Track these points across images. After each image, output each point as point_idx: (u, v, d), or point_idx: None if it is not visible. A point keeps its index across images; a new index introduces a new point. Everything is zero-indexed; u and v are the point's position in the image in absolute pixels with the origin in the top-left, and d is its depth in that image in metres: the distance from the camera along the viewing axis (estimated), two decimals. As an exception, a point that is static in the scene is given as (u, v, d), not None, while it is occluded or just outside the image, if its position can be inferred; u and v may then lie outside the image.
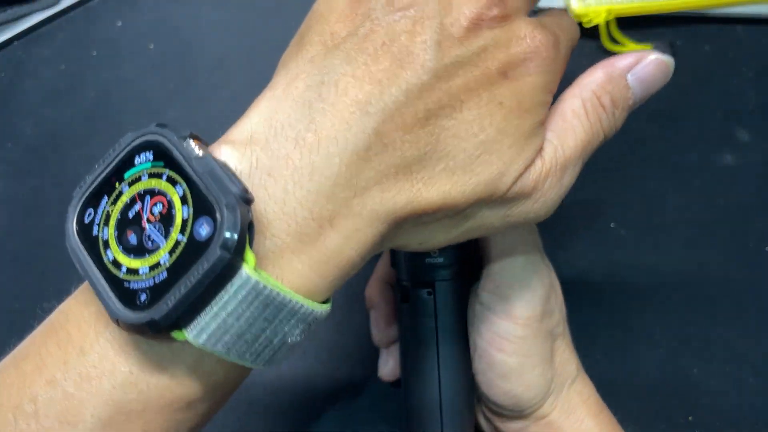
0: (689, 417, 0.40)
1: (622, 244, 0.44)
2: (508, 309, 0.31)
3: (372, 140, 0.21)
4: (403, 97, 0.21)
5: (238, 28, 0.51)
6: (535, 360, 0.32)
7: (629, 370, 0.41)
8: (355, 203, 0.21)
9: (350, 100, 0.21)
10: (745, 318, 0.42)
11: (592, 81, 0.26)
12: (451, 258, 0.32)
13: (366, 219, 0.21)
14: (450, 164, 0.22)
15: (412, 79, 0.21)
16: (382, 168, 0.21)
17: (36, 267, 0.43)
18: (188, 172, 0.20)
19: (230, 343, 0.20)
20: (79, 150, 0.47)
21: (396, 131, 0.21)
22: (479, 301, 0.32)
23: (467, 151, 0.22)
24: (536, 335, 0.31)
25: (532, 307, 0.31)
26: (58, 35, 0.51)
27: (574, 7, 0.49)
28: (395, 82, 0.21)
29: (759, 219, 0.45)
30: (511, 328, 0.31)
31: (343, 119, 0.21)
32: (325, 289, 0.22)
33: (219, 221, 0.19)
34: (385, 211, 0.22)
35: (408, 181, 0.22)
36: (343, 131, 0.21)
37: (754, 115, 0.49)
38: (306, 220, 0.21)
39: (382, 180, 0.21)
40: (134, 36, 0.51)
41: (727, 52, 0.51)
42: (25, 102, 0.49)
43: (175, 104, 0.49)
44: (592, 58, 0.51)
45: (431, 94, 0.22)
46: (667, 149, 0.47)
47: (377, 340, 0.36)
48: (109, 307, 0.20)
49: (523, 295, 0.31)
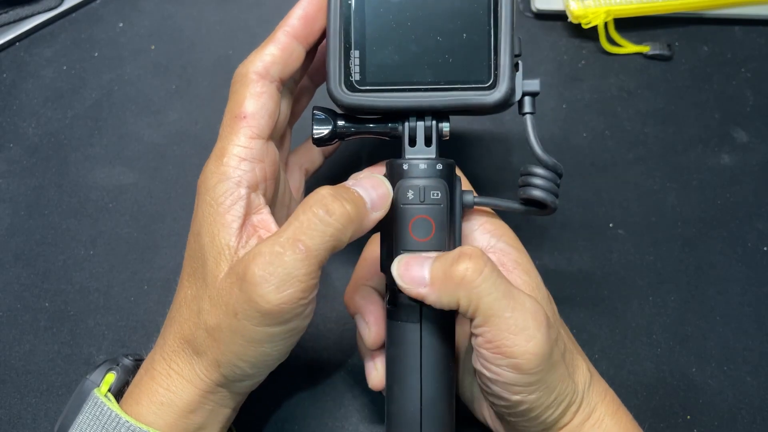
0: (687, 416, 0.40)
1: (620, 244, 0.45)
2: (516, 364, 0.29)
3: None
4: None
5: (239, 29, 0.52)
6: (555, 385, 0.31)
7: (628, 369, 0.41)
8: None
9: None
10: (744, 318, 0.43)
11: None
12: None
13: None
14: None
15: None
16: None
17: (37, 267, 0.43)
18: None
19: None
20: (80, 150, 0.47)
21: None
22: (483, 357, 0.30)
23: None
24: (549, 370, 0.30)
25: (540, 355, 0.29)
26: (60, 36, 0.52)
27: (572, 8, 0.49)
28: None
29: (757, 219, 0.45)
30: (523, 378, 0.30)
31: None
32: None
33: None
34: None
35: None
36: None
37: (751, 116, 0.49)
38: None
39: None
40: (135, 37, 0.52)
41: (725, 53, 0.51)
42: (27, 102, 0.49)
43: (175, 105, 0.49)
44: (591, 59, 0.51)
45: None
46: (665, 149, 0.48)
47: (368, 345, 0.34)
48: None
49: (527, 348, 0.29)
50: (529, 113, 0.33)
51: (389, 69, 0.33)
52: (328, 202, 0.29)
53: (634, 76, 0.50)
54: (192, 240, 0.32)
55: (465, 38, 0.33)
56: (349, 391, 0.40)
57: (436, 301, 0.30)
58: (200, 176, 0.32)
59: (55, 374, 0.40)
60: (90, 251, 0.44)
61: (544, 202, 0.33)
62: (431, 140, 0.34)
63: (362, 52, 0.33)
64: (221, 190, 0.31)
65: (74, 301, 0.42)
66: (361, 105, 0.33)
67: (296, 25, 0.33)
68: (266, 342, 0.30)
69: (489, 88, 0.32)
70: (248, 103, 0.32)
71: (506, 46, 0.32)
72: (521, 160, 0.47)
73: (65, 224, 0.45)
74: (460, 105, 0.33)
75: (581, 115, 0.49)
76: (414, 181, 0.32)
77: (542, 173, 0.33)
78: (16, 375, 0.40)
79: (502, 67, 0.32)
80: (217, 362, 0.30)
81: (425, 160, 0.33)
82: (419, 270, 0.31)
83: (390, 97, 0.33)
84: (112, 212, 0.45)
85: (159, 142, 0.47)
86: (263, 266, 0.28)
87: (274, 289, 0.28)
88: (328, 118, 0.34)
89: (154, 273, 0.43)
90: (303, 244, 0.28)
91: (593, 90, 0.50)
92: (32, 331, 0.42)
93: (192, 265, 0.32)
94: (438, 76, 0.33)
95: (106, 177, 0.46)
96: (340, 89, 0.33)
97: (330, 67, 0.33)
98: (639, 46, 0.51)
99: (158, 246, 0.44)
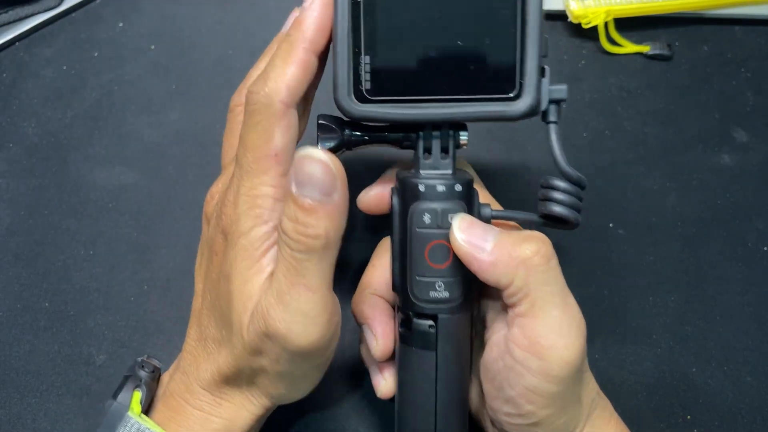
0: (687, 416, 0.40)
1: (620, 244, 0.44)
2: (546, 368, 0.28)
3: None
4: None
5: (239, 28, 0.52)
6: (568, 406, 0.30)
7: (628, 369, 0.41)
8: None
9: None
10: (744, 318, 0.43)
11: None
12: (456, 292, 0.30)
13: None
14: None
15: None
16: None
17: (37, 267, 0.43)
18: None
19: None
20: (80, 150, 0.47)
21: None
22: (511, 354, 0.29)
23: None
24: (572, 385, 0.29)
25: (573, 365, 0.28)
26: (60, 36, 0.52)
27: (572, 8, 0.49)
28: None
29: (757, 219, 0.45)
30: (546, 386, 0.28)
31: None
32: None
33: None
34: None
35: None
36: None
37: (752, 116, 0.49)
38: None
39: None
40: (135, 37, 0.52)
41: (725, 53, 0.51)
42: (27, 102, 0.49)
43: (176, 105, 0.49)
44: (591, 59, 0.51)
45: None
46: (665, 149, 0.48)
47: (376, 357, 0.33)
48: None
49: (562, 355, 0.28)
50: (553, 122, 0.31)
51: (403, 77, 0.30)
52: (291, 236, 0.27)
53: (634, 75, 0.50)
54: (221, 282, 0.30)
55: (488, 43, 0.29)
56: (348, 392, 0.40)
57: (488, 271, 0.28)
58: (227, 214, 0.30)
59: (55, 374, 0.40)
60: (90, 251, 0.44)
61: (566, 219, 0.31)
62: (448, 150, 0.31)
63: (373, 58, 0.29)
64: (257, 235, 0.29)
65: (74, 301, 0.42)
66: (373, 117, 0.30)
67: (313, 36, 0.29)
68: (314, 370, 0.31)
69: (514, 98, 0.30)
70: (279, 140, 0.29)
71: (534, 51, 0.29)
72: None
73: (65, 224, 0.45)
74: (482, 117, 0.30)
75: (581, 115, 0.49)
76: (431, 204, 0.30)
77: (565, 187, 0.31)
78: (16, 375, 0.40)
79: (528, 76, 0.29)
80: (269, 394, 0.31)
81: (443, 180, 0.30)
82: (482, 234, 0.29)
83: (405, 109, 0.30)
84: (112, 212, 0.45)
85: (159, 142, 0.47)
86: (282, 317, 0.28)
87: (304, 334, 0.28)
88: (334, 128, 0.32)
89: (154, 273, 0.43)
90: (304, 285, 0.27)
91: (593, 90, 0.50)
92: (32, 331, 0.42)
93: (218, 308, 0.31)
94: (457, 85, 0.30)
95: (106, 177, 0.46)
96: (348, 100, 0.30)
97: (337, 74, 0.29)
98: (639, 46, 0.51)
99: (158, 246, 0.44)
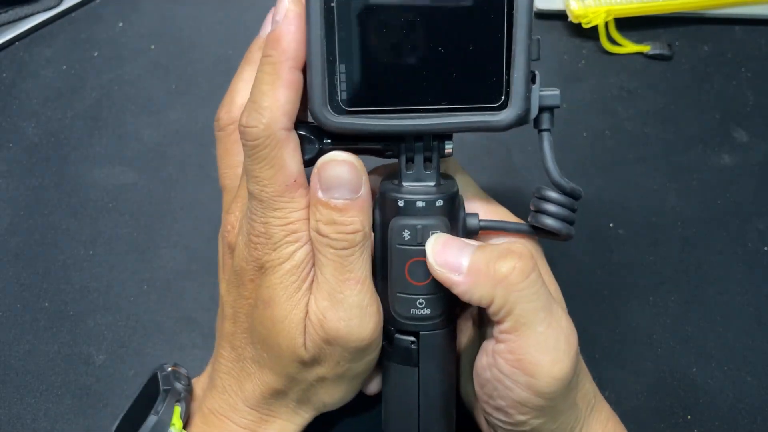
0: (688, 416, 0.40)
1: (620, 244, 0.44)
2: (533, 384, 0.27)
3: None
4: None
5: (238, 28, 0.52)
6: (561, 412, 0.29)
7: (628, 369, 0.41)
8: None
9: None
10: (744, 318, 0.43)
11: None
12: (438, 309, 0.30)
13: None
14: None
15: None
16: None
17: (37, 266, 0.43)
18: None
19: None
20: (80, 150, 0.47)
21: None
22: (498, 368, 0.28)
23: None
24: (563, 397, 0.28)
25: (562, 380, 0.28)
26: (59, 36, 0.52)
27: (573, 8, 0.49)
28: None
29: (757, 219, 0.45)
30: (536, 400, 0.28)
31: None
32: None
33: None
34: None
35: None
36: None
37: (752, 116, 0.49)
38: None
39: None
40: (135, 37, 0.52)
41: (725, 53, 0.51)
42: (27, 102, 0.49)
43: (176, 105, 0.49)
44: (591, 59, 0.51)
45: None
46: (665, 149, 0.48)
47: None
48: None
49: (550, 371, 0.27)
50: (546, 130, 0.29)
51: (382, 86, 0.28)
52: (332, 237, 0.28)
53: (635, 75, 0.50)
54: (259, 308, 0.30)
55: (471, 48, 0.28)
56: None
57: (466, 293, 0.28)
58: (258, 246, 0.29)
59: (54, 374, 0.40)
60: (90, 251, 0.44)
61: (558, 232, 0.30)
62: (432, 159, 0.30)
63: (349, 66, 0.28)
64: (301, 257, 0.29)
65: (74, 300, 0.42)
66: (351, 129, 0.28)
67: (296, 53, 0.28)
68: (368, 365, 0.31)
69: (499, 107, 0.28)
70: (292, 165, 0.28)
71: (522, 57, 0.27)
72: (526, 164, 0.47)
73: (65, 224, 0.45)
74: (466, 128, 0.28)
75: (581, 115, 0.49)
76: (410, 220, 0.29)
77: (558, 199, 0.30)
78: (16, 375, 0.40)
79: (515, 84, 0.28)
80: (322, 404, 0.32)
81: (424, 195, 0.29)
82: (457, 255, 0.28)
83: (384, 120, 0.28)
84: (112, 212, 0.45)
85: (159, 142, 0.47)
86: (340, 316, 0.29)
87: (362, 326, 0.29)
88: (311, 138, 0.29)
89: (154, 273, 0.43)
90: (353, 279, 0.28)
91: (593, 90, 0.50)
92: (32, 331, 0.42)
93: (257, 332, 0.30)
94: (440, 94, 0.28)
95: (106, 177, 0.46)
96: (324, 111, 0.28)
97: (312, 84, 0.28)
98: (639, 46, 0.51)
99: (158, 246, 0.44)
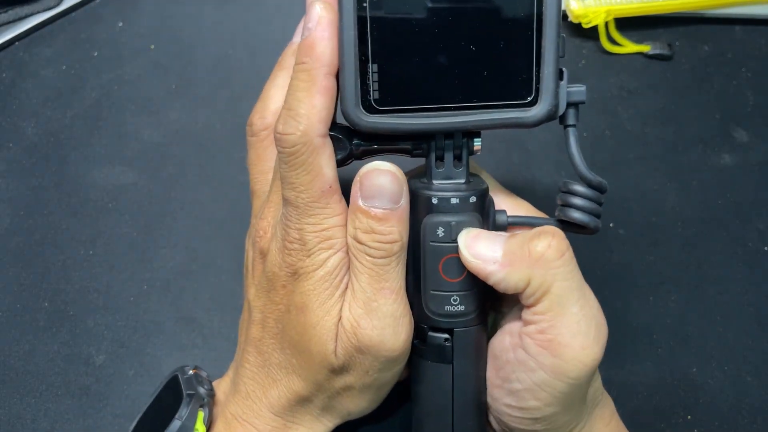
0: (688, 416, 0.40)
1: (620, 244, 0.44)
2: (561, 367, 0.27)
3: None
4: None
5: (238, 28, 0.52)
6: (573, 405, 0.29)
7: (628, 369, 0.41)
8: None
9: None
10: (744, 318, 0.43)
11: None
12: (472, 305, 0.30)
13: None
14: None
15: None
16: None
17: (36, 266, 0.43)
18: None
19: None
20: (80, 150, 0.47)
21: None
22: (525, 348, 0.28)
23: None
24: (582, 387, 0.28)
25: (589, 368, 0.27)
26: (59, 36, 0.52)
27: (573, 8, 0.49)
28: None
29: (757, 218, 0.45)
30: (558, 384, 0.28)
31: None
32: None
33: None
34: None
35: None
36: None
37: (752, 116, 0.49)
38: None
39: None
40: (135, 37, 0.51)
41: (725, 53, 0.51)
42: (27, 102, 0.49)
43: (175, 105, 0.49)
44: (591, 59, 0.51)
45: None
46: (665, 149, 0.48)
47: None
48: None
49: (578, 355, 0.27)
50: (571, 126, 0.30)
51: (414, 85, 0.28)
52: (370, 245, 0.29)
53: (635, 75, 0.50)
54: (292, 313, 0.30)
55: (502, 46, 0.28)
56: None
57: (503, 280, 0.28)
58: (292, 253, 0.29)
59: (54, 374, 0.40)
60: (90, 251, 0.44)
61: (586, 225, 0.30)
62: (461, 158, 0.30)
63: (381, 66, 0.28)
64: (335, 263, 0.29)
65: (74, 300, 0.42)
66: (383, 128, 0.29)
67: (331, 60, 0.28)
68: (395, 376, 0.31)
69: (530, 104, 0.29)
70: (328, 172, 0.29)
71: (551, 54, 0.28)
72: (526, 163, 0.47)
73: (65, 224, 0.45)
74: (497, 125, 0.29)
75: (581, 115, 0.48)
76: (444, 217, 0.29)
77: (585, 192, 0.30)
78: (16, 375, 0.40)
79: (545, 80, 0.28)
80: (347, 413, 0.32)
81: (456, 192, 0.29)
82: (490, 245, 0.28)
83: (415, 119, 0.29)
84: (112, 212, 0.45)
85: (159, 142, 0.47)
86: (374, 324, 0.29)
87: (395, 336, 0.29)
88: (342, 138, 0.30)
89: (154, 273, 0.43)
90: (388, 289, 0.29)
91: (593, 90, 0.50)
92: (32, 331, 0.42)
93: (287, 338, 0.31)
94: (470, 92, 0.28)
95: (106, 177, 0.46)
96: (357, 111, 0.28)
97: (344, 84, 0.28)
98: (639, 46, 0.51)
99: (158, 246, 0.44)
